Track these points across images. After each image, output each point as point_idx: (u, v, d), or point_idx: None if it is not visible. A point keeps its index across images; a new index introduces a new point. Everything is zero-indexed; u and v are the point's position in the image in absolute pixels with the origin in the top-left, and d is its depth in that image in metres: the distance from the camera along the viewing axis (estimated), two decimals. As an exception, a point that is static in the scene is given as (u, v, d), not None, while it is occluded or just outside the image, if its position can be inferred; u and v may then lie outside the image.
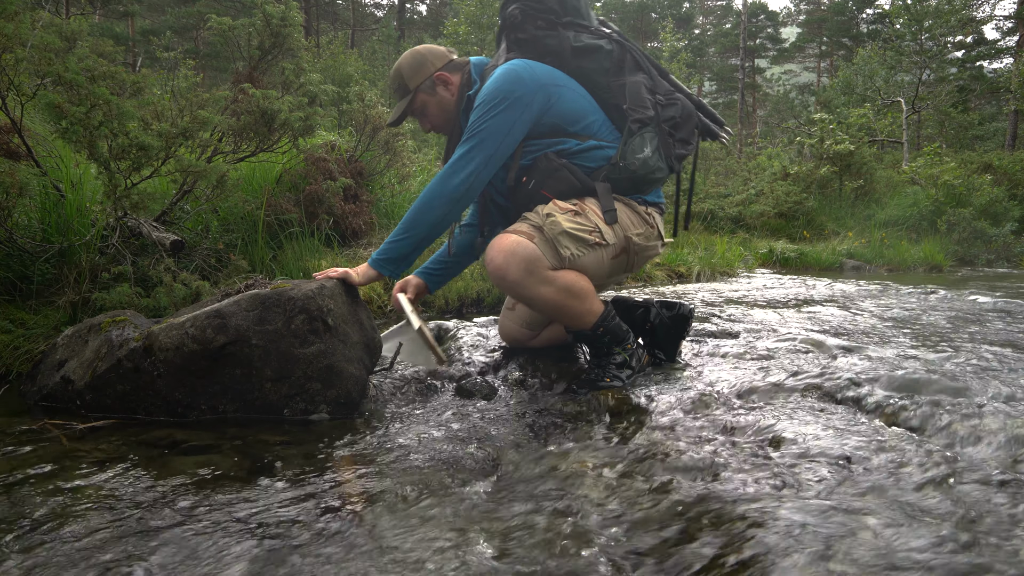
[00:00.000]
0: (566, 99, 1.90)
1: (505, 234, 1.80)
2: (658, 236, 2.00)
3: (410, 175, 4.89)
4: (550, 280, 1.78)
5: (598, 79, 1.95)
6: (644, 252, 1.97)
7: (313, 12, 26.01)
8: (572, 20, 1.95)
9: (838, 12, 36.04)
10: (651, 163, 1.90)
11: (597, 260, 1.85)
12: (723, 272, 6.02)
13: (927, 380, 1.73)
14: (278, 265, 3.22)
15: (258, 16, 3.68)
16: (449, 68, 2.03)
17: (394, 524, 1.16)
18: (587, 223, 1.83)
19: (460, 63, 2.05)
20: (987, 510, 1.13)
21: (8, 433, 1.60)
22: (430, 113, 2.05)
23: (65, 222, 2.46)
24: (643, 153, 1.89)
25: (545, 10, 1.93)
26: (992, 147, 20.06)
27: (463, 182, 1.82)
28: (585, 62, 1.94)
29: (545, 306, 1.84)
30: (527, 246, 1.76)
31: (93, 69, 2.37)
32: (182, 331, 1.71)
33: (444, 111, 2.05)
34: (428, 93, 2.02)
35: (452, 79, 2.03)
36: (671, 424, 1.63)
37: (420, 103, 2.04)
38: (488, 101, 1.83)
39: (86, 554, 1.07)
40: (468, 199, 1.86)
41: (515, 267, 1.75)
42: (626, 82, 1.94)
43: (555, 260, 1.78)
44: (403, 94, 2.05)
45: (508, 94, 1.82)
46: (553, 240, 1.77)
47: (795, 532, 1.09)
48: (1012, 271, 8.31)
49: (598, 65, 1.95)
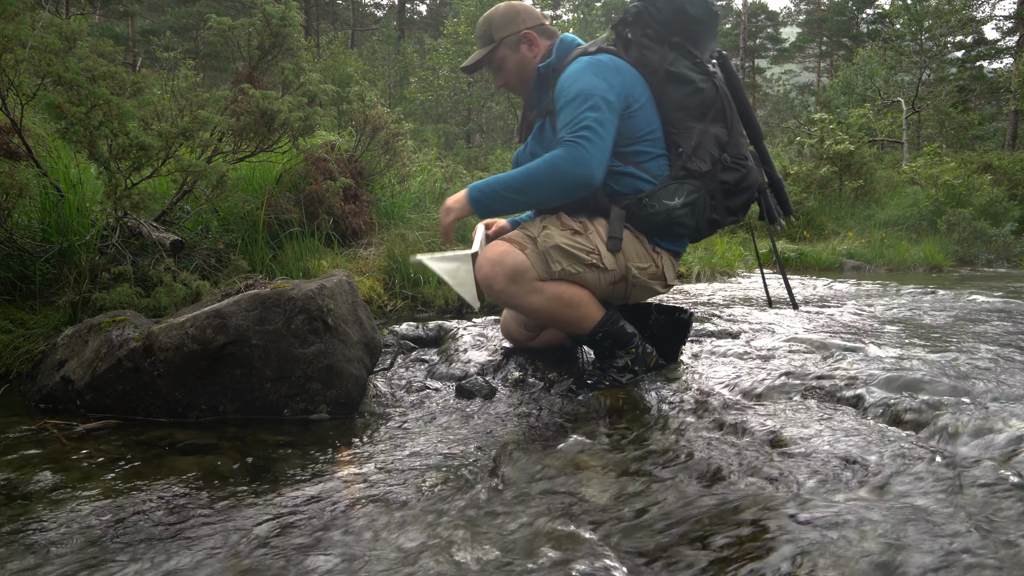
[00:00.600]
0: (636, 119, 1.83)
1: (498, 242, 1.80)
2: (661, 277, 1.92)
3: (410, 175, 4.89)
4: (538, 290, 1.76)
5: (675, 113, 1.87)
6: (643, 286, 1.90)
7: (313, 12, 26.01)
8: (681, 42, 1.86)
9: (838, 12, 36.04)
10: (675, 215, 1.81)
11: (595, 280, 1.82)
12: (723, 272, 6.01)
13: (927, 380, 1.72)
14: (278, 265, 3.22)
15: (258, 16, 3.68)
16: (539, 31, 2.00)
17: (394, 524, 1.16)
18: (586, 243, 1.80)
19: (551, 31, 2.02)
20: (988, 510, 1.13)
21: (8, 433, 1.60)
22: (507, 69, 2.01)
23: (65, 222, 2.46)
24: (672, 202, 1.81)
25: (660, 21, 1.85)
26: (992, 147, 20.07)
27: (584, 178, 1.74)
28: (670, 89, 1.85)
29: (536, 314, 1.83)
30: (515, 256, 1.75)
31: (93, 69, 2.37)
32: (182, 331, 1.71)
33: (522, 71, 2.01)
34: (511, 48, 1.98)
35: (539, 42, 1.99)
36: (671, 424, 1.63)
37: (500, 56, 2.00)
38: (582, 96, 1.75)
39: (86, 554, 1.07)
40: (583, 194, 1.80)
41: (501, 277, 1.75)
42: (698, 128, 1.85)
43: (544, 272, 1.76)
44: (486, 43, 2.00)
45: (601, 94, 1.75)
46: (544, 253, 1.76)
47: (796, 532, 1.09)
48: (1012, 271, 8.31)
49: (681, 99, 1.85)
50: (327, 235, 3.67)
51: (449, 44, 16.93)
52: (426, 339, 2.61)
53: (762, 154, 1.99)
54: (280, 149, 3.44)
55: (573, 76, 1.81)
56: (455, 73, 16.63)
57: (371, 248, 3.88)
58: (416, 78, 18.14)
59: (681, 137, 1.86)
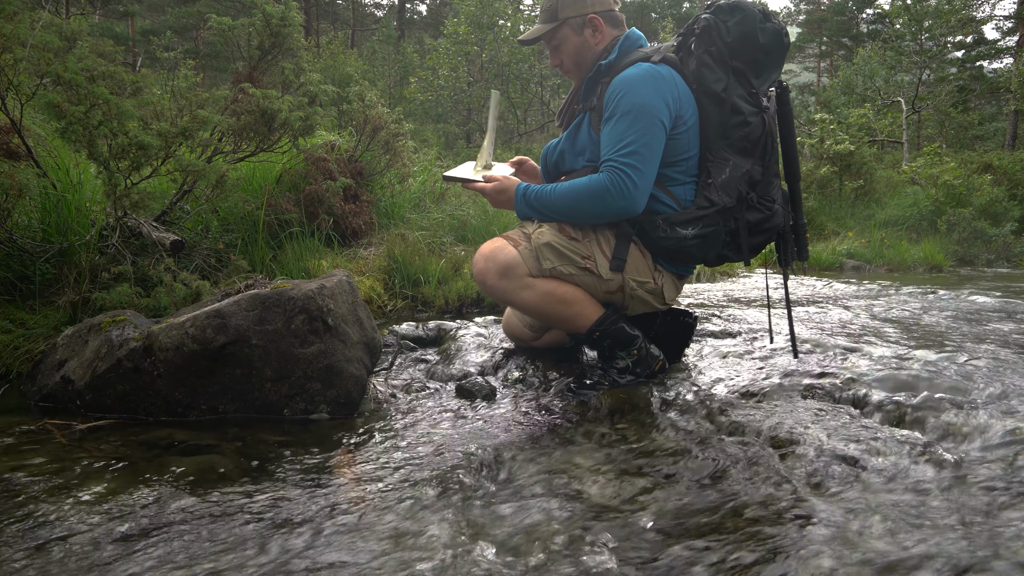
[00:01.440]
0: (678, 141, 1.79)
1: (493, 239, 1.83)
2: (660, 295, 1.90)
3: (410, 175, 4.89)
4: (529, 285, 1.78)
5: (717, 140, 1.80)
6: (640, 299, 1.88)
7: (313, 12, 26.00)
8: (743, 69, 1.78)
9: (838, 12, 36.03)
10: (684, 244, 1.79)
11: (591, 283, 1.82)
12: (723, 272, 6.01)
13: (927, 380, 1.72)
14: (278, 265, 3.22)
15: (258, 16, 3.67)
16: (607, 18, 1.92)
17: (394, 524, 1.16)
18: (582, 249, 1.80)
19: (619, 20, 1.94)
20: (989, 511, 1.13)
21: (8, 433, 1.60)
22: (565, 51, 1.94)
23: (65, 222, 2.46)
24: (685, 231, 1.78)
25: (727, 43, 1.76)
26: (992, 147, 20.05)
27: (627, 210, 1.75)
28: (717, 115, 1.78)
29: (528, 310, 1.85)
30: (507, 251, 1.78)
31: (92, 69, 2.37)
32: (182, 331, 1.70)
33: (580, 55, 1.93)
34: (574, 30, 1.90)
35: (604, 30, 1.91)
36: (672, 424, 1.63)
37: (561, 36, 1.92)
38: (638, 114, 1.72)
39: (86, 555, 1.07)
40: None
41: (493, 271, 1.77)
42: (733, 161, 1.79)
43: (535, 269, 1.78)
44: (549, 18, 1.92)
45: (656, 115, 1.72)
46: (536, 250, 1.78)
47: (797, 533, 1.08)
48: (1012, 271, 8.31)
49: (727, 128, 1.78)
50: (327, 235, 3.67)
51: (449, 44, 16.92)
52: (426, 339, 2.61)
53: (794, 195, 1.94)
54: (280, 149, 3.44)
55: (630, 84, 1.75)
56: (455, 73, 16.63)
57: (371, 248, 3.88)
58: (416, 78, 18.15)
59: (714, 166, 1.80)
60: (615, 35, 1.93)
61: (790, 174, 1.95)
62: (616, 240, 1.83)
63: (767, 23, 1.77)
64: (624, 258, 1.81)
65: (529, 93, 17.60)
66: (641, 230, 1.83)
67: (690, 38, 1.83)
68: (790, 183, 1.95)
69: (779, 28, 1.79)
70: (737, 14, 1.76)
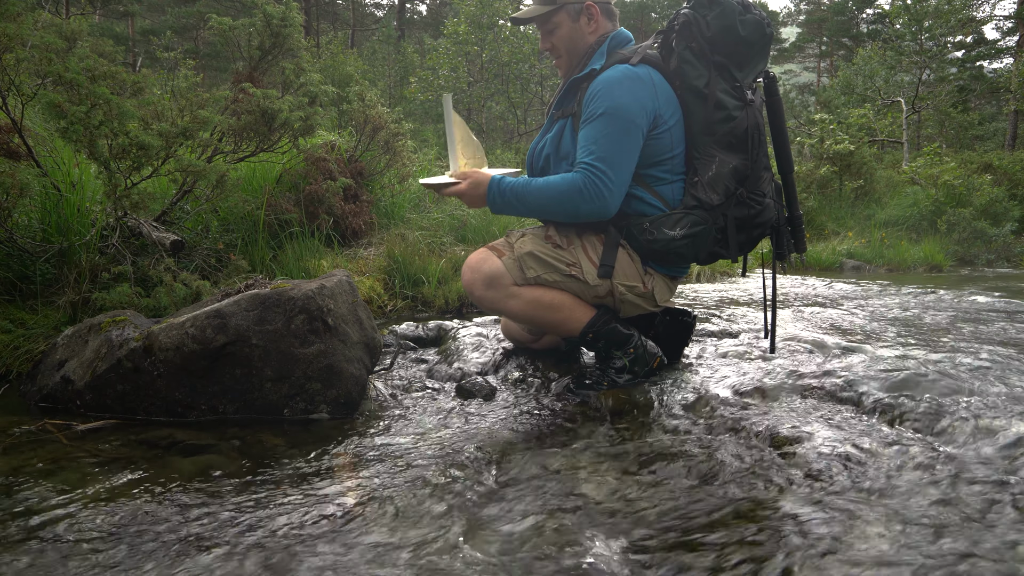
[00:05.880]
0: (660, 140, 1.78)
1: (479, 249, 1.86)
2: (650, 298, 1.88)
3: (410, 175, 4.89)
4: (515, 295, 1.80)
5: (701, 137, 1.79)
6: (631, 303, 1.87)
7: (313, 12, 26.00)
8: (724, 62, 1.76)
9: (838, 12, 36.03)
10: (673, 246, 1.78)
11: (579, 289, 1.82)
12: (723, 272, 6.01)
13: (927, 380, 1.72)
14: (278, 265, 3.22)
15: (258, 16, 3.67)
16: (604, 9, 1.90)
17: (394, 524, 1.16)
18: (567, 256, 1.81)
19: (613, 13, 1.93)
20: (988, 510, 1.13)
21: (8, 433, 1.60)
22: (558, 36, 1.91)
23: (65, 222, 2.46)
24: (672, 232, 1.76)
25: (707, 37, 1.75)
26: (992, 147, 20.05)
27: (599, 212, 1.74)
28: (701, 111, 1.77)
29: (517, 317, 1.87)
30: (492, 262, 1.80)
31: (93, 69, 2.37)
32: (182, 331, 1.71)
33: (572, 42, 1.91)
34: (570, 16, 1.89)
35: (600, 20, 1.90)
36: (672, 424, 1.63)
37: (556, 21, 1.90)
38: (613, 116, 1.71)
39: (85, 555, 1.07)
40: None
41: (479, 282, 1.81)
42: (719, 158, 1.77)
43: (519, 278, 1.80)
44: (547, 1, 1.90)
45: (631, 117, 1.71)
46: (519, 259, 1.80)
47: (796, 533, 1.09)
48: (1012, 271, 8.31)
49: (711, 124, 1.77)
50: (327, 235, 3.67)
51: (449, 44, 16.91)
52: (426, 339, 2.61)
53: (788, 187, 1.92)
54: (280, 149, 3.44)
55: (607, 86, 1.74)
56: (455, 73, 16.62)
57: (371, 248, 3.88)
58: (416, 78, 18.13)
59: (701, 163, 1.79)
60: (608, 28, 1.92)
61: (782, 165, 1.93)
62: (603, 246, 1.82)
63: (747, 15, 1.76)
64: (612, 264, 1.80)
65: (529, 93, 17.58)
66: (628, 234, 1.83)
67: (671, 35, 1.82)
68: (783, 175, 1.94)
69: (760, 19, 1.77)
70: (715, 8, 1.75)
